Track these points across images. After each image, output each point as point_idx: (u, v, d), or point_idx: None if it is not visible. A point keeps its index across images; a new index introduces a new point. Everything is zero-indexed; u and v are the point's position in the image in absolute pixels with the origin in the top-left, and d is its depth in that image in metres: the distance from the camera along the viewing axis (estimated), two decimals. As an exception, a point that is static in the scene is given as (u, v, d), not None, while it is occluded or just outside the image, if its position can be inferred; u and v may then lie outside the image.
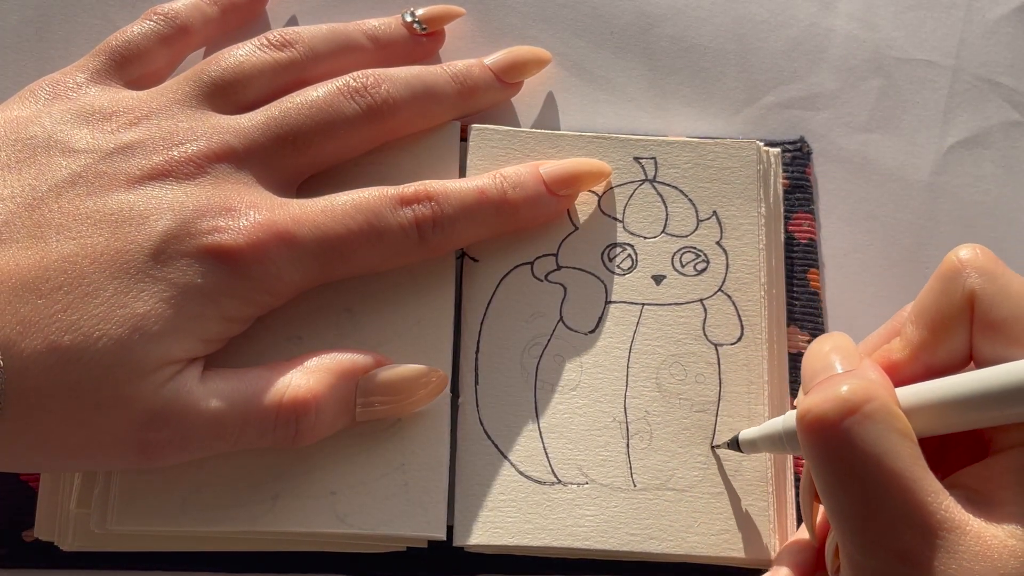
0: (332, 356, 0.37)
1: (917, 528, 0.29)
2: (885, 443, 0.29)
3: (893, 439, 0.29)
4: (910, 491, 0.29)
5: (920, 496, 0.29)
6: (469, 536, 0.38)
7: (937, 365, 0.33)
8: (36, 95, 0.39)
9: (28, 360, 0.32)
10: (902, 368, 0.34)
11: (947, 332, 0.33)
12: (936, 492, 0.29)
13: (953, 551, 0.29)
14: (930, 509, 0.29)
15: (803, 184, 0.45)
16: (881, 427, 0.30)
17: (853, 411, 0.30)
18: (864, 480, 0.29)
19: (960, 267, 0.33)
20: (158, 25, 0.42)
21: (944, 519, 0.29)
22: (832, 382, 0.31)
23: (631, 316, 0.41)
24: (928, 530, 0.29)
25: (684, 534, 0.38)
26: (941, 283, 0.33)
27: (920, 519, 0.29)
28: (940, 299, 0.33)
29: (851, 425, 0.30)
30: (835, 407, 0.30)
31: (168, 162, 0.36)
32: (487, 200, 0.39)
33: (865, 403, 0.30)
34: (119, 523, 0.37)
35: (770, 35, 0.48)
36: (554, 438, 0.39)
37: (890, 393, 0.31)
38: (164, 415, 0.34)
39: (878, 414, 0.30)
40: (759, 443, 0.37)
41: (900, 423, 0.30)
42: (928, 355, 0.33)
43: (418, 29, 0.44)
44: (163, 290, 0.34)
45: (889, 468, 0.29)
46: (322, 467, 0.38)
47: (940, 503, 0.29)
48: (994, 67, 0.47)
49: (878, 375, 0.31)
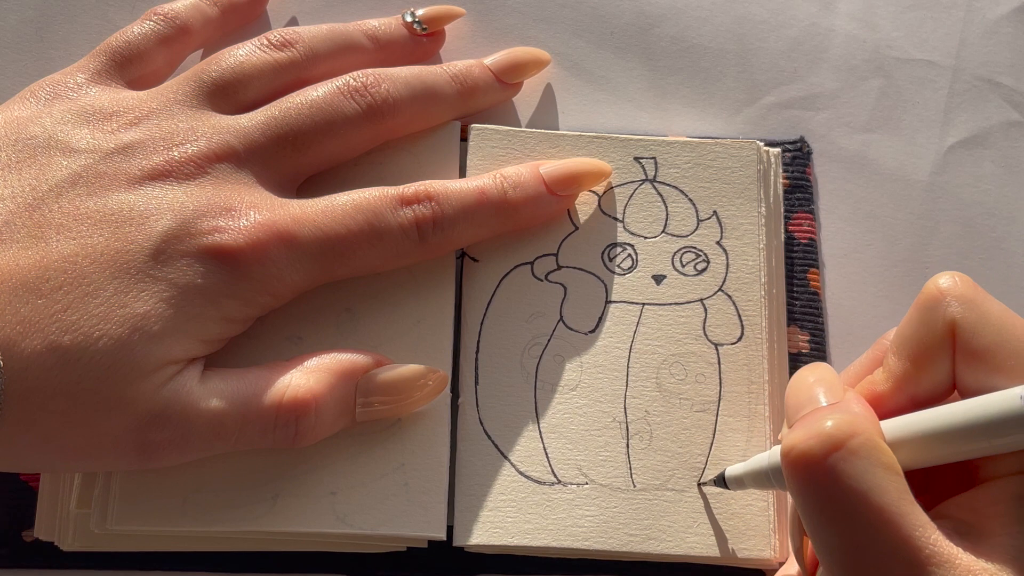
0: (332, 356, 0.37)
1: (906, 564, 0.28)
2: (871, 478, 0.29)
3: (879, 474, 0.29)
4: (898, 526, 0.29)
5: (908, 531, 0.29)
6: (469, 536, 0.38)
7: (921, 396, 0.33)
8: (37, 95, 0.39)
9: (28, 360, 0.32)
10: (886, 400, 0.33)
11: (929, 362, 0.32)
12: (924, 526, 0.29)
13: None
14: (918, 544, 0.28)
15: (803, 184, 0.45)
16: (866, 462, 0.29)
17: (838, 447, 0.29)
18: (851, 517, 0.29)
19: (940, 296, 0.32)
20: (158, 25, 0.42)
21: (933, 553, 0.28)
22: (816, 417, 0.31)
23: (631, 316, 0.41)
24: (917, 565, 0.28)
25: (684, 534, 0.38)
26: (921, 313, 0.32)
27: (909, 554, 0.28)
28: (921, 329, 0.32)
29: (836, 461, 0.29)
30: (820, 443, 0.29)
31: (168, 162, 0.36)
32: (487, 200, 0.39)
33: (850, 438, 0.29)
34: (119, 523, 0.37)
35: (770, 35, 0.48)
36: (554, 438, 0.39)
37: (875, 427, 0.30)
38: (164, 415, 0.34)
39: (863, 449, 0.29)
40: (745, 479, 0.36)
41: (886, 457, 0.29)
42: (912, 386, 0.33)
43: (418, 29, 0.44)
44: (163, 290, 0.34)
45: (876, 504, 0.29)
46: (322, 467, 0.38)
47: (928, 537, 0.29)
48: (994, 67, 0.47)
49: (862, 408, 0.31)
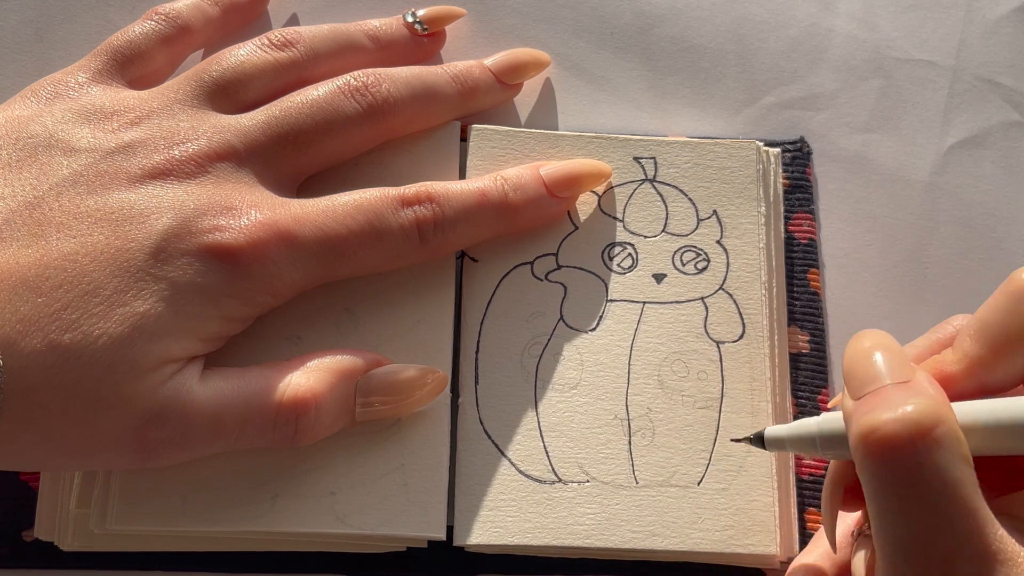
0: (332, 356, 0.37)
1: (972, 558, 0.28)
2: (953, 471, 0.28)
3: (959, 467, 0.28)
4: (970, 520, 0.28)
5: (980, 526, 0.28)
6: (469, 536, 0.38)
7: (992, 384, 0.32)
8: (38, 94, 0.39)
9: (28, 359, 0.32)
10: (955, 382, 0.32)
11: (1009, 351, 0.32)
12: (992, 523, 0.29)
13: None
14: (988, 540, 0.28)
15: (803, 184, 0.45)
16: (950, 455, 0.28)
17: (923, 435, 0.28)
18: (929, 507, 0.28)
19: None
20: (159, 25, 0.42)
21: (1000, 550, 0.28)
22: (893, 397, 0.30)
23: (632, 314, 0.41)
24: (983, 561, 0.28)
25: (687, 531, 0.38)
26: (1007, 301, 0.32)
27: (977, 549, 0.28)
28: (1006, 318, 0.32)
29: (921, 451, 0.28)
30: (905, 429, 0.29)
31: (169, 161, 0.36)
32: (488, 202, 0.39)
33: (935, 427, 0.28)
34: (119, 523, 0.37)
35: (770, 35, 0.48)
36: (554, 437, 0.39)
37: (952, 412, 0.29)
38: (164, 414, 0.34)
39: (946, 439, 0.28)
40: (787, 442, 0.35)
41: (964, 449, 0.29)
42: (984, 372, 0.32)
43: (419, 29, 0.44)
44: (163, 289, 0.34)
45: (953, 496, 0.28)
46: (322, 467, 0.38)
47: (996, 534, 0.28)
48: (994, 67, 0.47)
49: (937, 391, 0.30)
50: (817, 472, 0.41)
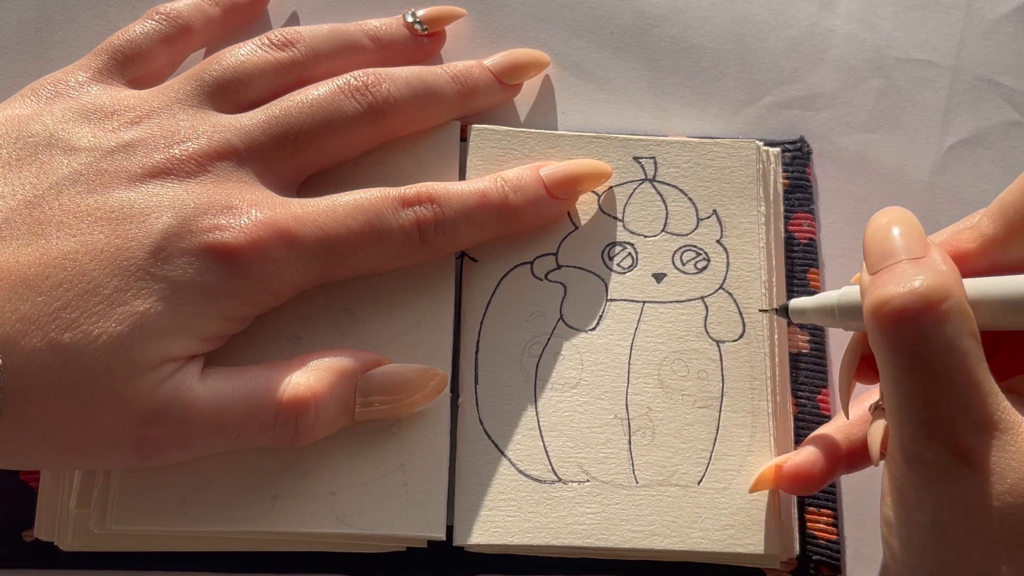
0: (332, 355, 0.37)
1: (975, 425, 0.30)
2: (957, 342, 0.30)
3: (965, 339, 0.30)
4: (974, 390, 0.30)
5: (982, 395, 0.30)
6: (469, 536, 0.38)
7: (1005, 263, 0.34)
8: (38, 94, 0.39)
9: (28, 357, 0.32)
10: (969, 260, 0.34)
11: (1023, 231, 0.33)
12: (996, 394, 0.30)
13: (1006, 450, 0.30)
14: (990, 409, 0.30)
15: (803, 184, 0.45)
16: (956, 327, 0.30)
17: (931, 308, 0.30)
18: (933, 376, 0.30)
19: None
20: (160, 25, 0.42)
21: (1001, 419, 0.30)
22: (906, 272, 0.31)
23: (632, 314, 0.41)
24: (985, 428, 0.30)
25: (688, 530, 0.38)
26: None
27: (980, 417, 0.30)
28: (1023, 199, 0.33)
29: (927, 322, 0.30)
30: (912, 301, 0.30)
31: (169, 160, 0.36)
32: (488, 203, 0.39)
33: (942, 301, 0.30)
34: (118, 523, 0.37)
35: (770, 35, 0.48)
36: (554, 436, 0.39)
37: (961, 287, 0.31)
38: (163, 412, 0.34)
39: (953, 312, 0.30)
40: (809, 313, 0.37)
41: (971, 322, 0.30)
42: (998, 251, 0.34)
43: (419, 29, 0.44)
44: (163, 288, 0.34)
45: (958, 366, 0.30)
46: (322, 467, 0.38)
47: (999, 404, 0.30)
48: (994, 67, 0.47)
49: (949, 267, 0.31)
50: (817, 472, 0.41)
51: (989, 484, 0.30)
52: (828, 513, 0.41)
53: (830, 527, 0.40)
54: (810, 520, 0.40)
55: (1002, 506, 0.30)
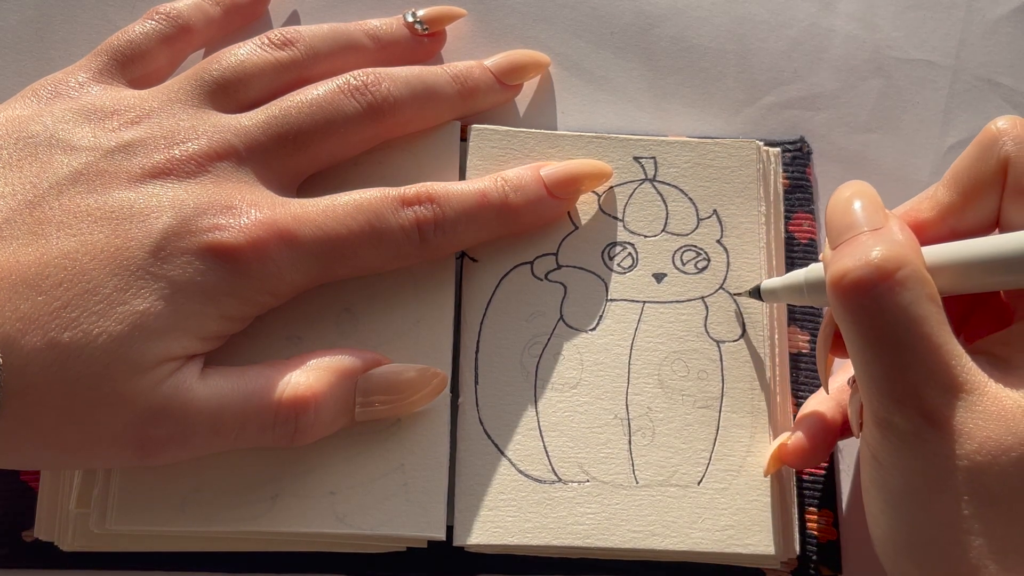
0: (332, 355, 0.37)
1: (940, 388, 0.30)
2: (915, 309, 0.30)
3: (923, 304, 0.30)
4: (936, 354, 0.30)
5: (945, 358, 0.30)
6: (469, 536, 0.38)
7: (963, 228, 0.34)
8: (38, 94, 0.39)
9: (28, 357, 0.32)
10: (928, 228, 0.35)
11: (978, 196, 0.34)
12: (959, 356, 0.31)
13: (971, 410, 0.30)
14: (953, 372, 0.30)
15: (803, 184, 0.45)
16: (912, 294, 0.30)
17: (887, 277, 0.31)
18: (895, 343, 0.30)
19: (997, 135, 0.33)
20: (160, 25, 0.42)
21: (966, 380, 0.30)
22: (862, 244, 0.32)
23: (632, 314, 0.41)
24: (951, 390, 0.30)
25: (688, 530, 0.38)
26: (977, 150, 0.34)
27: (944, 380, 0.30)
28: (974, 165, 0.34)
29: (884, 291, 0.30)
30: (868, 273, 0.31)
31: (169, 160, 0.36)
32: (488, 203, 0.39)
33: (897, 269, 0.31)
34: (118, 523, 0.37)
35: (770, 35, 0.48)
36: (554, 436, 0.39)
37: (918, 255, 0.31)
38: (163, 412, 0.34)
39: (909, 280, 0.31)
40: (780, 293, 0.38)
41: (929, 288, 0.31)
42: (955, 218, 0.34)
43: (419, 29, 0.44)
44: (163, 287, 0.34)
45: (918, 332, 0.30)
46: (321, 467, 0.38)
47: (963, 366, 0.31)
48: (994, 67, 0.47)
49: (907, 236, 0.32)
50: (817, 472, 0.41)
51: (958, 444, 0.30)
52: (828, 513, 0.41)
53: (830, 527, 0.41)
54: (810, 520, 0.40)
55: (971, 465, 0.30)
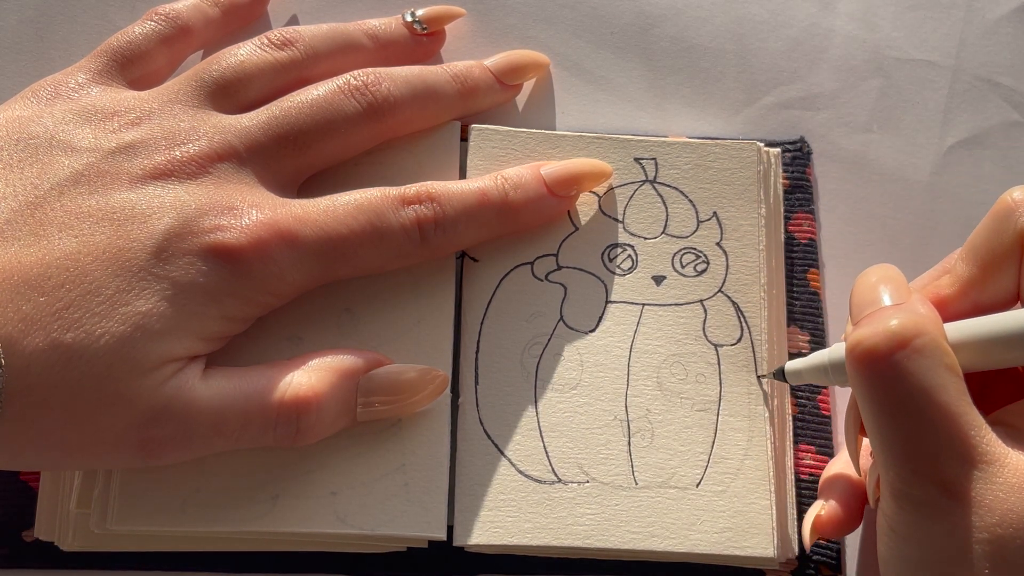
0: (334, 355, 0.37)
1: (959, 459, 0.30)
2: (933, 377, 0.30)
3: (941, 373, 0.30)
4: (954, 424, 0.30)
5: (964, 429, 0.30)
6: (469, 536, 0.38)
7: (985, 302, 0.34)
8: (38, 95, 0.39)
9: (30, 358, 0.32)
10: (950, 304, 0.34)
11: (997, 270, 0.33)
12: (979, 426, 0.30)
13: (991, 482, 0.30)
14: (972, 442, 0.30)
15: (803, 184, 0.45)
16: (930, 361, 0.30)
17: (903, 345, 0.30)
18: (911, 413, 0.30)
19: (1013, 206, 0.33)
20: (159, 26, 0.42)
21: (985, 451, 0.30)
22: (882, 315, 0.31)
23: (631, 316, 0.41)
24: (969, 461, 0.30)
25: (686, 532, 0.38)
26: (994, 222, 0.33)
27: (962, 451, 0.30)
28: (992, 237, 0.33)
29: (901, 359, 0.30)
30: (885, 340, 0.30)
31: (170, 162, 0.36)
32: (489, 202, 0.39)
33: (915, 337, 0.30)
34: (119, 523, 0.37)
35: (770, 35, 0.48)
36: (554, 437, 0.39)
37: (939, 328, 0.31)
38: (165, 412, 0.34)
39: (927, 348, 0.30)
40: (804, 374, 0.37)
41: (948, 358, 0.30)
42: (977, 292, 0.34)
43: (418, 29, 0.44)
44: (165, 288, 0.34)
45: (936, 401, 0.30)
46: (322, 467, 0.38)
47: (982, 436, 0.30)
48: (994, 67, 0.48)
49: (927, 309, 0.32)
50: (817, 472, 0.41)
51: (977, 516, 0.29)
52: (827, 513, 0.41)
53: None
54: (810, 520, 0.40)
55: (991, 538, 0.29)
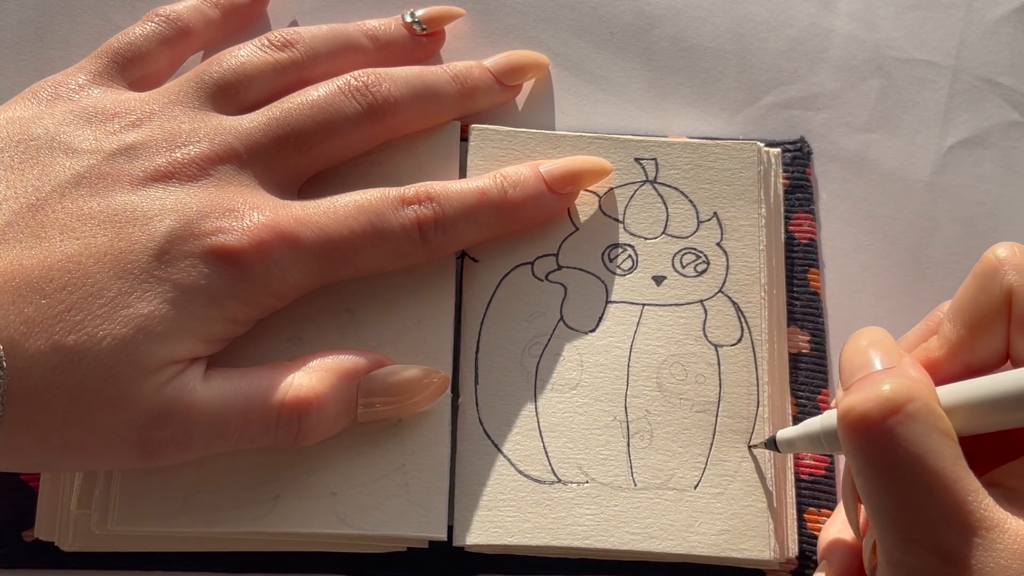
0: (334, 356, 0.37)
1: (957, 526, 0.29)
2: (927, 443, 0.29)
3: (935, 439, 0.29)
4: (951, 490, 0.29)
5: (960, 495, 0.29)
6: (469, 536, 0.38)
7: (976, 363, 0.33)
8: (38, 96, 0.39)
9: (32, 360, 0.32)
10: (941, 366, 0.34)
11: (985, 330, 0.33)
12: (976, 491, 0.29)
13: (991, 549, 0.29)
14: (970, 508, 0.29)
15: (803, 184, 0.45)
16: (923, 427, 0.29)
17: (896, 410, 0.30)
18: (906, 479, 0.29)
19: (998, 265, 0.32)
20: (160, 27, 0.42)
21: (983, 517, 0.29)
22: (873, 380, 0.31)
23: (631, 316, 0.41)
24: (967, 528, 0.29)
25: (684, 533, 0.38)
26: (979, 281, 0.33)
27: (960, 517, 0.29)
28: (978, 297, 0.33)
29: (894, 425, 0.29)
30: (877, 406, 0.30)
31: (171, 164, 0.36)
32: (488, 200, 0.39)
33: (908, 402, 0.30)
34: (119, 524, 0.37)
35: (770, 35, 0.48)
36: (554, 437, 0.40)
37: (931, 392, 0.31)
38: (167, 414, 0.34)
39: (920, 413, 0.30)
40: (797, 443, 0.36)
41: (942, 423, 0.30)
42: (966, 353, 0.33)
43: (418, 30, 0.44)
44: (167, 290, 0.34)
45: (931, 468, 0.29)
46: (323, 468, 0.38)
47: (980, 502, 0.29)
48: (994, 67, 0.47)
49: (919, 373, 0.31)
50: (817, 472, 0.41)
51: None
52: (828, 513, 0.41)
53: (829, 527, 0.41)
54: (810, 521, 0.40)
55: None
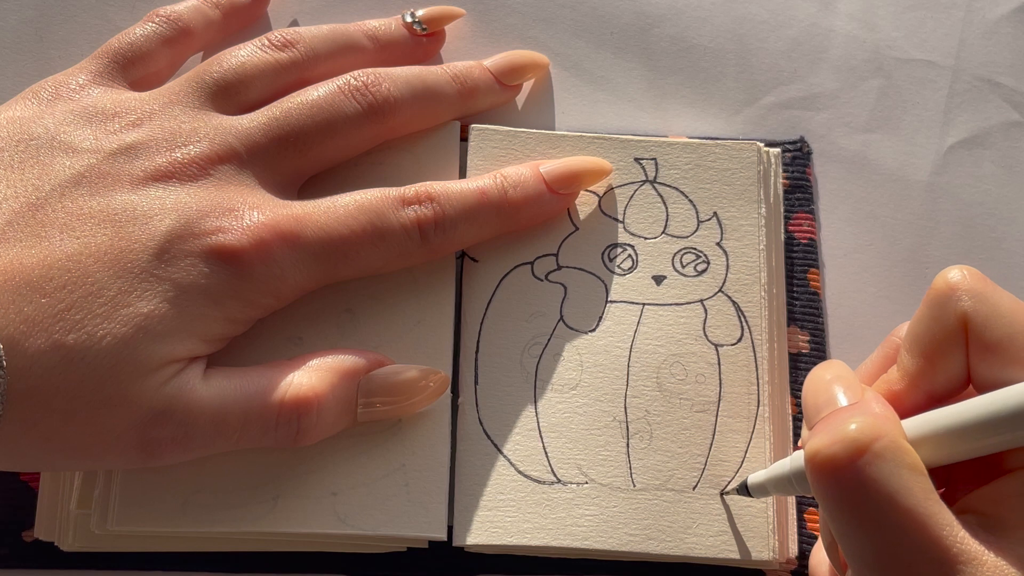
0: (334, 356, 0.37)
1: (934, 563, 0.28)
2: (897, 481, 0.29)
3: (904, 476, 0.29)
4: (925, 527, 0.29)
5: (936, 531, 0.29)
6: (469, 536, 0.38)
7: (938, 391, 0.33)
8: (39, 96, 0.39)
9: (32, 359, 0.32)
10: (903, 398, 0.33)
11: (943, 358, 0.32)
12: (951, 525, 0.29)
13: None
14: (946, 544, 0.28)
15: (803, 184, 0.45)
16: (891, 465, 0.29)
17: (863, 451, 0.29)
18: (878, 520, 0.29)
19: (950, 291, 0.32)
20: (160, 27, 0.42)
21: (960, 552, 0.28)
22: (838, 419, 0.30)
23: (631, 316, 0.41)
24: (946, 564, 0.28)
25: (683, 535, 0.38)
26: (932, 309, 0.32)
27: (937, 554, 0.28)
28: (933, 325, 0.32)
29: (862, 466, 0.29)
30: (844, 448, 0.29)
31: (171, 164, 0.36)
32: (488, 200, 0.39)
33: (874, 441, 0.29)
34: (120, 524, 0.37)
35: (770, 35, 0.48)
36: (554, 437, 0.39)
37: (897, 427, 0.30)
38: (167, 413, 0.34)
39: (887, 452, 0.29)
40: (768, 486, 0.36)
41: (910, 458, 0.29)
42: (927, 382, 0.33)
43: (418, 30, 0.45)
44: (167, 290, 0.34)
45: (903, 506, 0.29)
46: (323, 468, 0.38)
47: (956, 536, 0.29)
48: (994, 67, 0.48)
49: (883, 409, 0.31)
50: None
51: None
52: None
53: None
54: (809, 521, 0.40)
55: None
